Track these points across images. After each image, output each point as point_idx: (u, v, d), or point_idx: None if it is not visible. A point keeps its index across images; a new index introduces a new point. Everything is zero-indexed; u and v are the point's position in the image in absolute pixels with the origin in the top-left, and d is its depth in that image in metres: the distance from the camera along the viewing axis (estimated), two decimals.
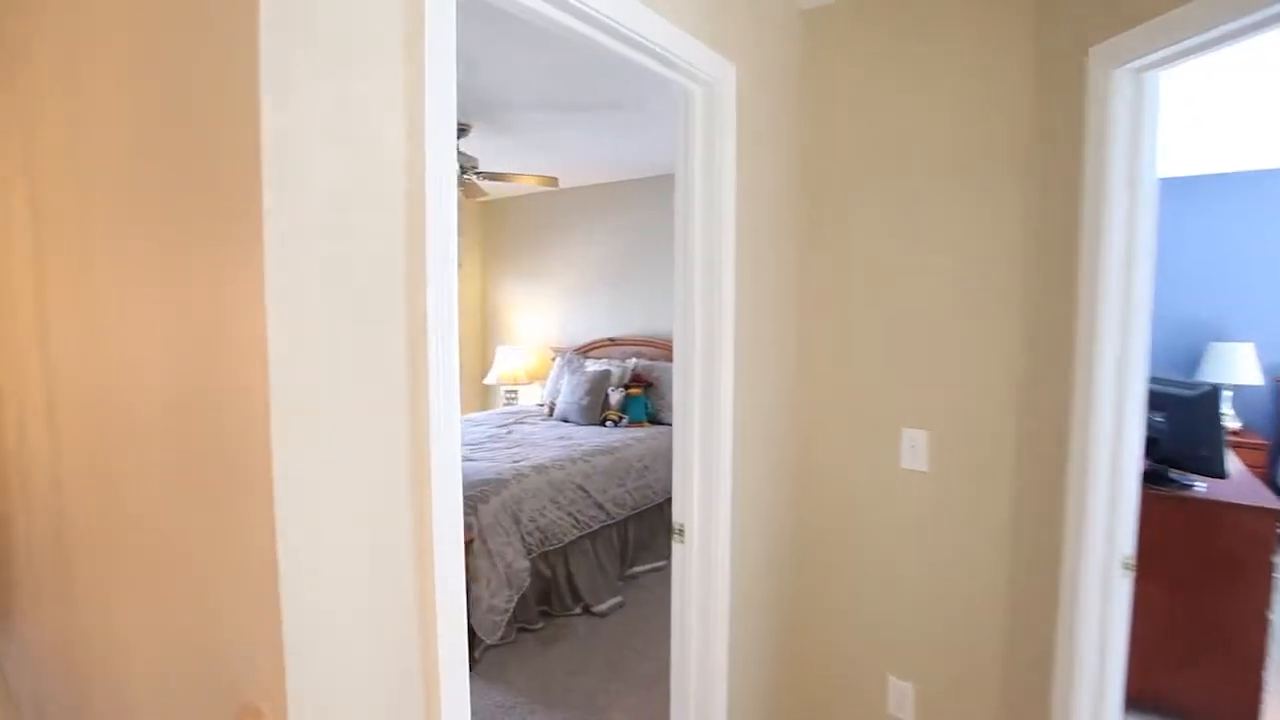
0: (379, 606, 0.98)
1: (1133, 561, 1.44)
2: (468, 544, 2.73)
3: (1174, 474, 2.40)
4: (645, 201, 4.98)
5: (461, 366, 6.22)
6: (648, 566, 3.77)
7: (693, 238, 1.69)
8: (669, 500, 3.96)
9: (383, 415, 0.97)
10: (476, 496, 2.92)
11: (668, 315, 4.89)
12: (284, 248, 0.83)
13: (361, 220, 0.93)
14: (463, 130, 3.54)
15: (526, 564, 2.95)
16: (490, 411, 4.88)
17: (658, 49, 1.42)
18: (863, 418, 1.99)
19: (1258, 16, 1.07)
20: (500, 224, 6.03)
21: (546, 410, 4.81)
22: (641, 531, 3.77)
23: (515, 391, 5.70)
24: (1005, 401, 1.74)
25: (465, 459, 3.44)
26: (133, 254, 1.20)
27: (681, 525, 1.78)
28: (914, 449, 1.90)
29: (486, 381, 5.73)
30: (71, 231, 1.44)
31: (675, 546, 1.80)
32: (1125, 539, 1.43)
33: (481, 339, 6.28)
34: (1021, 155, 1.67)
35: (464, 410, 6.04)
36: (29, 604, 1.94)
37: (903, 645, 1.95)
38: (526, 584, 2.93)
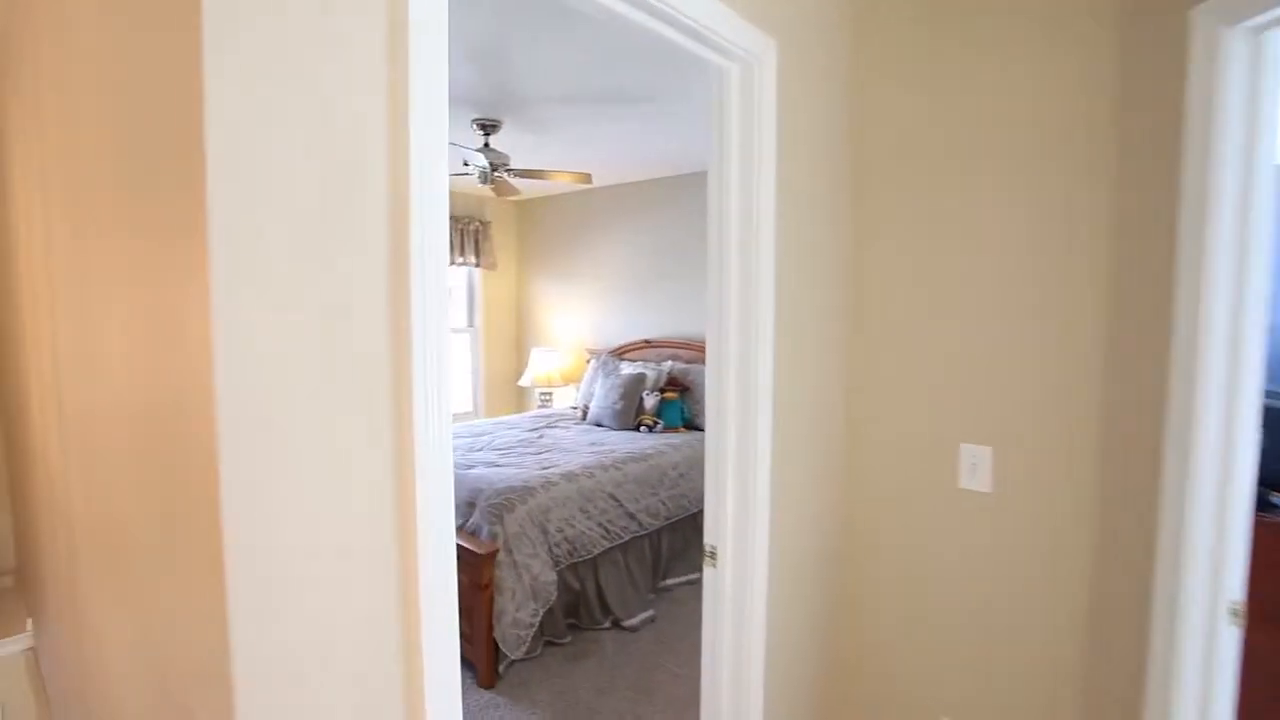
0: (352, 646, 0.85)
1: (1242, 608, 1.22)
2: (491, 555, 2.62)
3: (1276, 498, 2.13)
4: (682, 199, 4.83)
5: (496, 368, 6.22)
6: (681, 579, 3.61)
7: (728, 233, 1.54)
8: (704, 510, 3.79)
9: (358, 432, 0.85)
10: (502, 505, 2.81)
11: (703, 316, 4.72)
12: (232, 245, 0.71)
13: (335, 211, 0.80)
14: (493, 127, 3.44)
15: (554, 576, 2.83)
16: (523, 414, 4.79)
17: (687, 21, 1.27)
18: (915, 430, 1.80)
19: None
20: (536, 223, 5.95)
21: (580, 414, 4.70)
22: (675, 542, 3.61)
23: (549, 394, 5.61)
24: (1084, 416, 1.53)
25: (493, 464, 3.35)
26: (108, 256, 1.11)
27: (713, 547, 1.63)
28: (975, 467, 1.70)
29: (521, 383, 5.65)
30: (69, 235, 1.38)
31: (707, 570, 1.64)
32: (1233, 581, 1.22)
33: (516, 340, 6.22)
34: (1105, 133, 1.46)
35: (497, 412, 5.98)
36: (54, 603, 1.92)
37: (959, 687, 1.76)
38: (554, 597, 2.81)
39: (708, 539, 1.65)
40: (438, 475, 0.90)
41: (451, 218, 5.46)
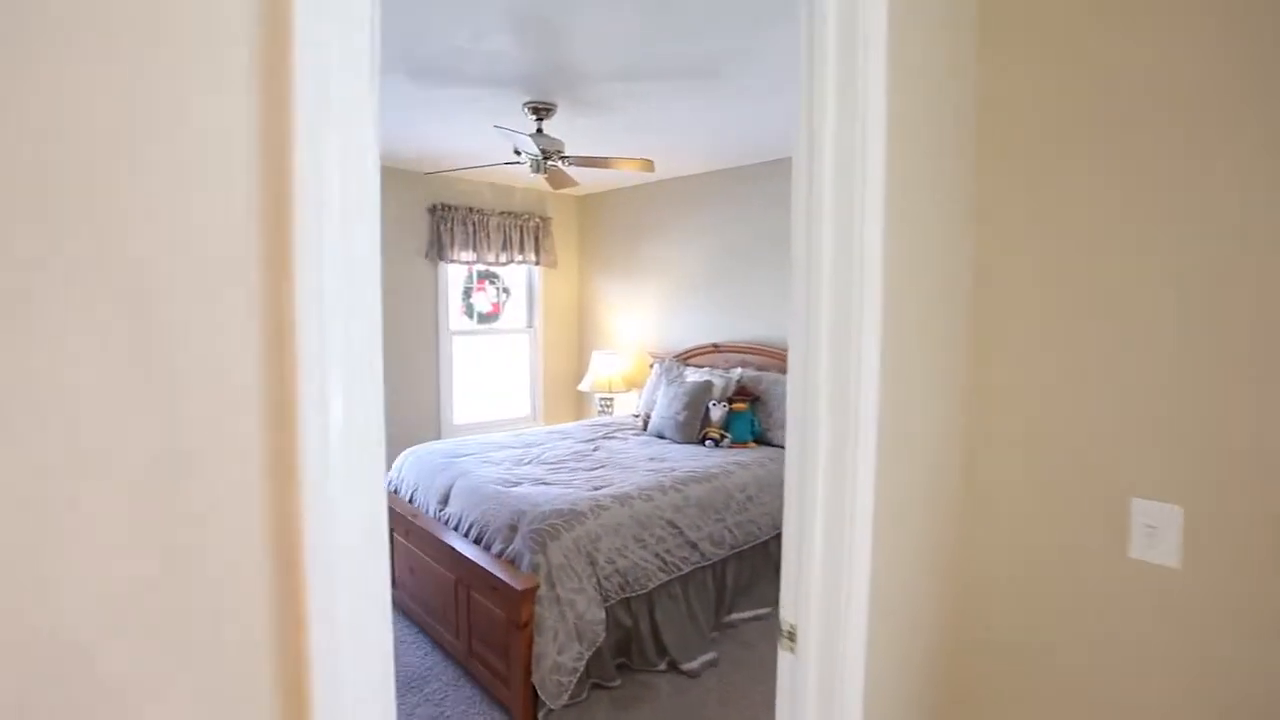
0: None
1: None
2: (531, 590, 2.31)
3: None
4: (754, 190, 4.41)
5: (555, 371, 5.97)
6: (748, 614, 3.22)
7: (818, 216, 1.15)
8: (776, 537, 3.38)
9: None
10: (546, 531, 2.49)
11: (780, 319, 4.30)
12: None
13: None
14: (546, 111, 3.14)
15: (602, 615, 2.49)
16: (579, 423, 4.50)
17: None
18: (1062, 478, 1.35)
19: None
20: (598, 219, 5.66)
21: (640, 423, 4.36)
22: (742, 573, 3.22)
23: (610, 399, 5.30)
24: None
25: (540, 482, 3.05)
26: None
27: (792, 627, 1.24)
28: (1154, 533, 1.25)
29: (580, 388, 5.37)
30: None
31: (783, 655, 1.26)
32: None
33: (577, 342, 5.94)
34: None
35: (556, 418, 5.72)
36: None
37: None
38: (601, 638, 2.48)
39: (784, 613, 1.27)
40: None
41: (510, 214, 5.25)
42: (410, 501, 3.30)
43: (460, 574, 2.64)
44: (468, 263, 5.06)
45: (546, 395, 5.74)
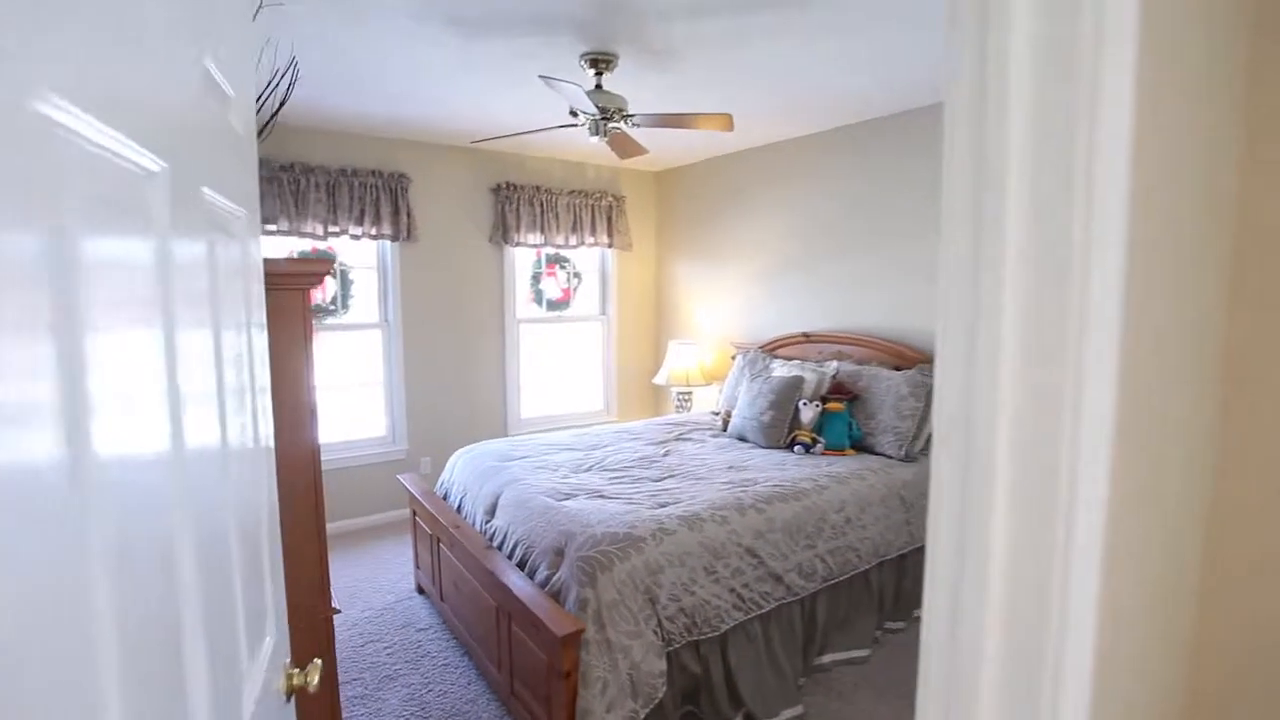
0: None
1: None
2: (575, 635, 1.90)
3: None
4: (852, 157, 3.79)
5: (630, 362, 5.56)
6: (842, 656, 2.69)
7: (1005, 166, 0.62)
8: (879, 565, 2.83)
9: None
10: (596, 561, 2.07)
11: (882, 305, 3.68)
12: None
13: None
14: (605, 63, 2.70)
15: (662, 665, 2.05)
16: (651, 420, 4.06)
17: None
18: None
19: None
20: (674, 196, 5.17)
21: (720, 423, 3.87)
22: (836, 607, 2.69)
23: (688, 394, 4.84)
24: None
25: (596, 494, 2.63)
26: None
27: None
28: None
29: (656, 381, 4.93)
30: None
31: None
32: None
33: (654, 331, 5.50)
34: None
35: (632, 414, 5.32)
36: None
37: None
38: (661, 693, 2.04)
39: None
40: None
41: (581, 193, 4.85)
42: (458, 509, 2.98)
43: (501, 601, 2.27)
44: (535, 246, 4.72)
45: (620, 389, 5.35)
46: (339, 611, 1.78)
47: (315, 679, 1.06)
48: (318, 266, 1.62)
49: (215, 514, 0.70)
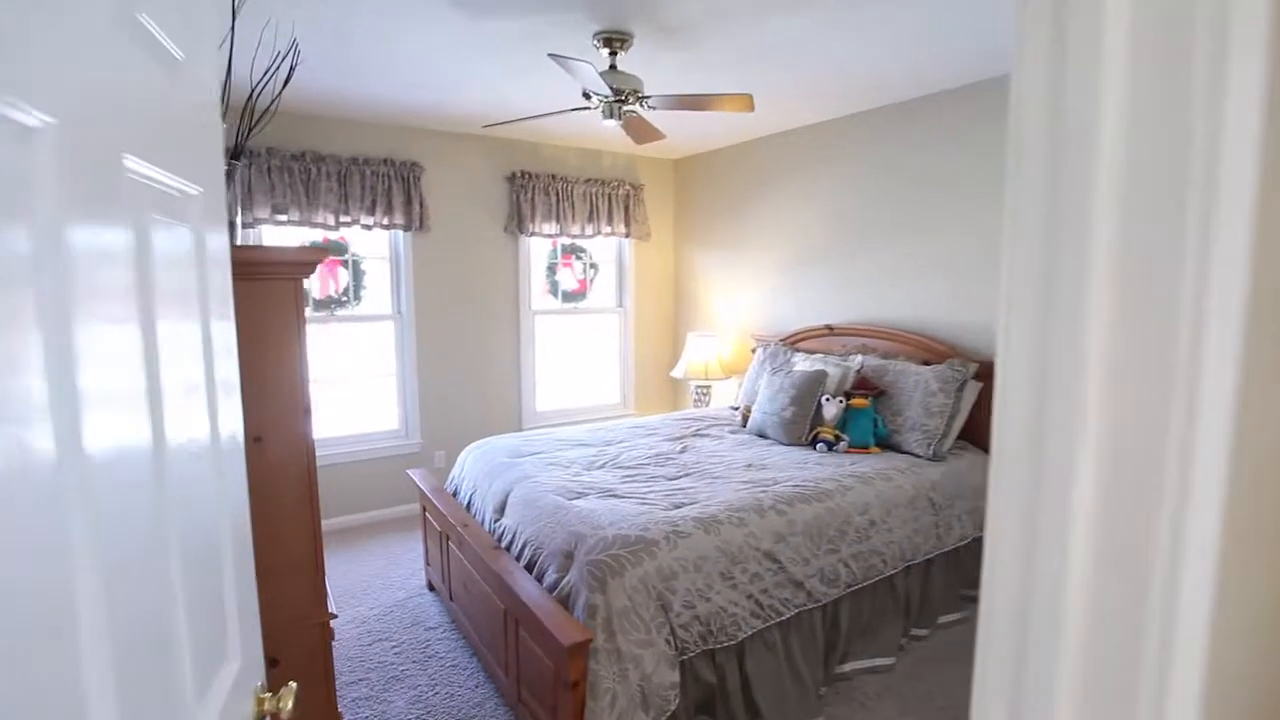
0: None
1: None
2: (583, 645, 1.80)
3: None
4: (875, 145, 3.63)
5: (648, 355, 5.45)
6: (865, 664, 2.57)
7: (1098, 121, 0.49)
8: (905, 570, 2.70)
9: None
10: (607, 565, 1.97)
11: (908, 298, 3.52)
12: None
13: None
14: (620, 42, 2.57)
15: (675, 677, 1.95)
16: (667, 415, 3.95)
17: None
18: None
19: None
20: (694, 185, 5.03)
21: (739, 418, 3.75)
22: (859, 613, 2.57)
23: (707, 388, 4.72)
24: None
25: (609, 493, 2.53)
26: None
27: None
28: None
29: (673, 374, 4.82)
30: None
31: None
32: None
33: (672, 323, 5.38)
34: None
35: (649, 408, 5.21)
36: None
37: None
38: (674, 705, 1.94)
39: None
40: None
41: (597, 181, 4.74)
42: (468, 506, 2.90)
43: (508, 605, 2.18)
44: (551, 236, 4.62)
45: (638, 382, 5.24)
46: (335, 616, 1.70)
47: (289, 703, 0.97)
48: (310, 255, 1.53)
49: (142, 527, 0.61)
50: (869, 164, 3.71)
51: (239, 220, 1.71)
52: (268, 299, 1.51)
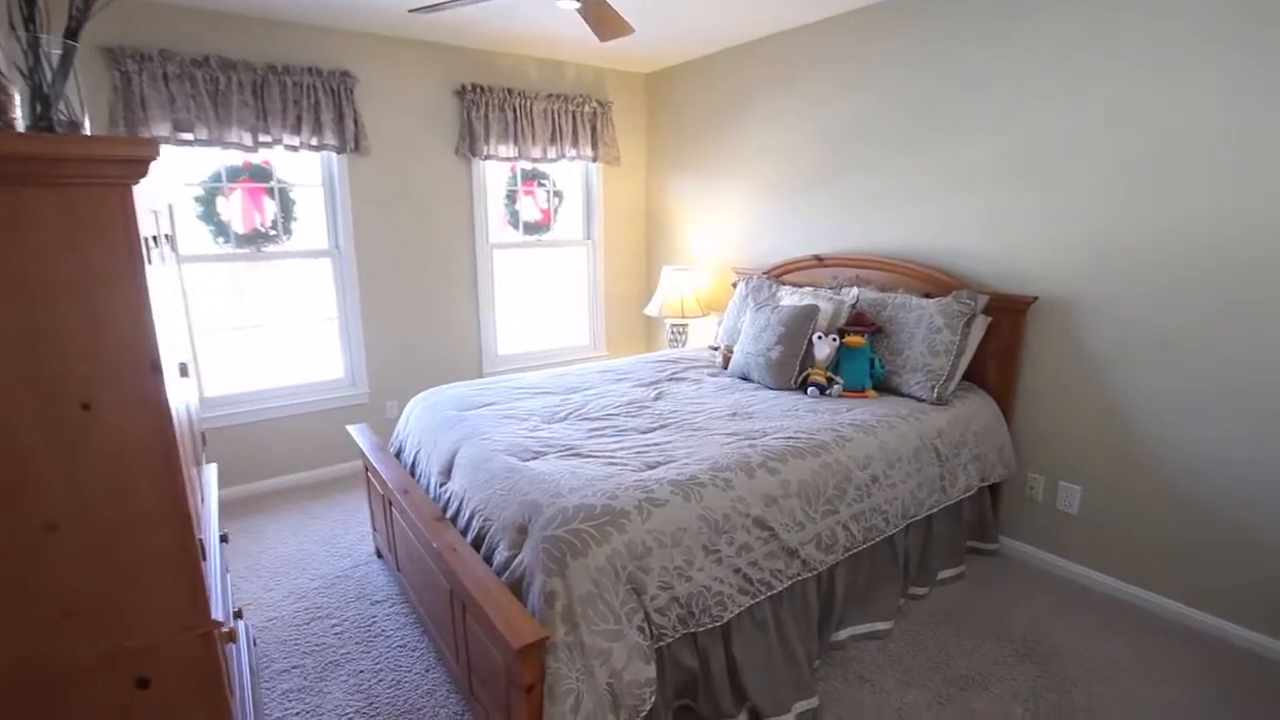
0: None
1: None
2: (538, 644, 1.48)
3: None
4: (882, 42, 3.16)
5: (619, 291, 5.01)
6: (862, 629, 2.31)
7: None
8: (907, 529, 2.42)
9: None
10: (567, 542, 1.63)
11: (909, 222, 3.14)
12: None
13: None
14: None
15: (651, 671, 1.64)
16: (640, 357, 3.57)
17: None
18: None
19: None
20: (669, 102, 4.52)
21: (720, 359, 3.40)
22: (855, 577, 2.30)
23: (684, 327, 4.35)
24: None
25: (571, 452, 2.17)
26: None
27: None
28: None
29: (647, 312, 4.43)
30: None
31: None
32: None
33: (645, 256, 4.95)
34: None
35: (620, 349, 4.85)
36: None
37: None
38: (649, 705, 1.64)
39: None
40: None
41: (560, 97, 4.20)
42: (413, 468, 2.53)
43: (454, 586, 1.85)
44: (508, 159, 4.11)
45: (609, 321, 4.85)
46: (221, 625, 1.35)
47: None
48: (136, 149, 1.09)
49: None
50: (867, 67, 3.25)
51: (86, 121, 1.26)
52: (79, 214, 1.09)
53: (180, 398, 1.56)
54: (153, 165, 1.15)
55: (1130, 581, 2.57)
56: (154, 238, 1.50)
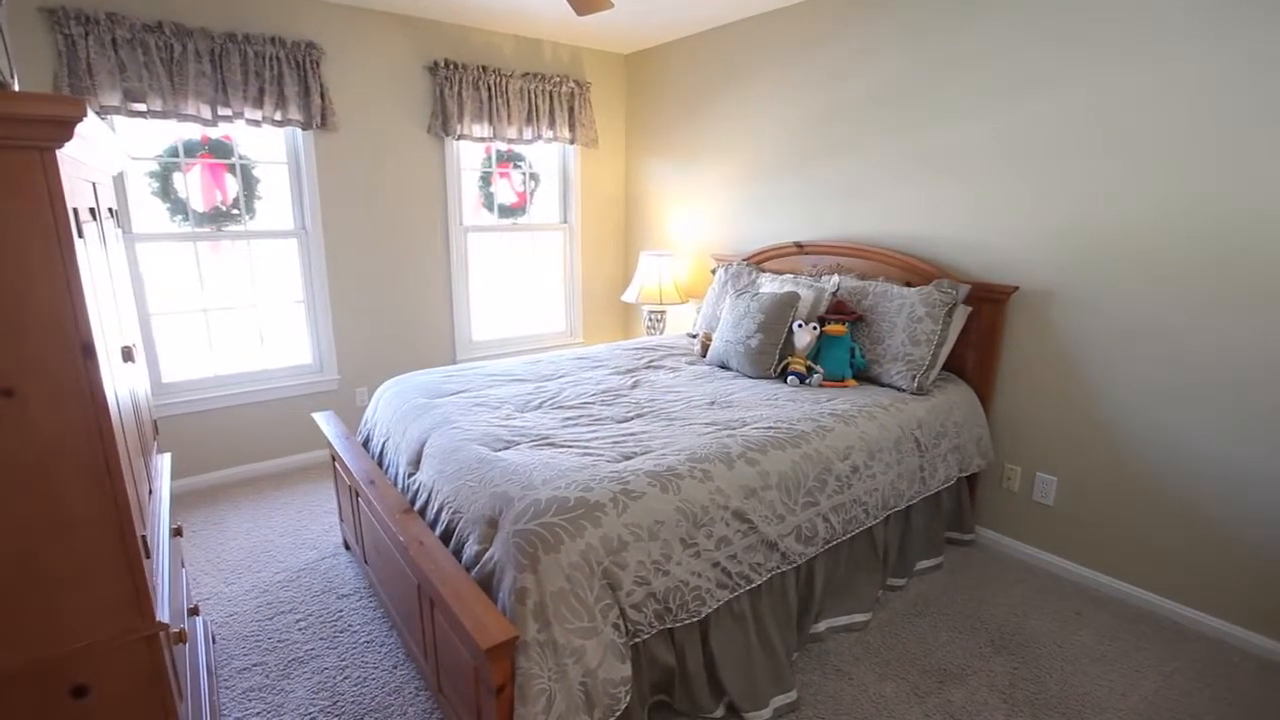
0: None
1: None
2: (508, 644, 1.41)
3: None
4: (870, 22, 3.10)
5: (597, 277, 4.92)
6: (841, 621, 2.29)
7: None
8: (886, 520, 2.39)
9: None
10: (539, 537, 1.56)
11: (889, 210, 3.10)
12: None
13: None
14: None
15: (626, 670, 1.59)
16: (617, 344, 3.50)
17: None
18: None
19: None
20: (649, 83, 4.42)
21: (698, 347, 3.34)
22: (834, 570, 2.27)
23: (661, 313, 4.28)
24: None
25: (544, 440, 2.10)
26: None
27: None
28: None
29: (624, 298, 4.35)
30: None
31: None
32: None
33: (622, 241, 4.87)
34: None
35: (597, 336, 4.77)
36: None
37: None
38: (624, 704, 1.58)
39: None
40: None
41: (537, 76, 4.08)
42: (380, 459, 2.44)
43: (421, 581, 1.77)
44: (483, 139, 3.98)
45: (586, 307, 4.76)
46: (167, 626, 1.26)
47: None
48: (59, 108, 0.98)
49: None
50: (850, 51, 3.19)
51: (15, 83, 1.14)
52: None
53: (124, 384, 1.45)
54: (82, 128, 1.04)
55: (1104, 571, 2.58)
56: (92, 210, 1.39)
